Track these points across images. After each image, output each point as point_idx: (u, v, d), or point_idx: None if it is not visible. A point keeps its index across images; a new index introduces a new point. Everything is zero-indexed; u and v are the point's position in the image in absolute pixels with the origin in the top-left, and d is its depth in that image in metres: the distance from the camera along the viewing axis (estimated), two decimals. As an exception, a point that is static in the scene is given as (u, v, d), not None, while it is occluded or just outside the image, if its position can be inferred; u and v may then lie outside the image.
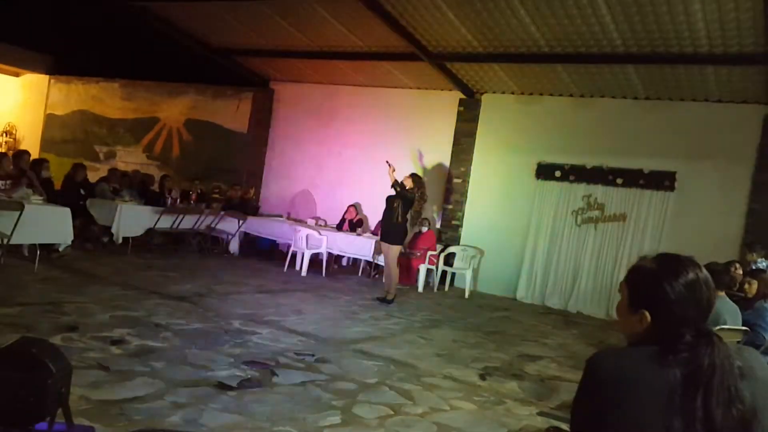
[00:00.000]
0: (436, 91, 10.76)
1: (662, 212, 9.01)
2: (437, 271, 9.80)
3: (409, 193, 7.98)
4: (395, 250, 7.91)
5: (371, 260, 9.63)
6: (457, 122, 10.56)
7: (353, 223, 10.46)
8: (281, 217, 10.97)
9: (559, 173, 9.69)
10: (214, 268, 8.87)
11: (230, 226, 10.40)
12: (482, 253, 10.14)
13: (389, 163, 8.10)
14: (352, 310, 7.24)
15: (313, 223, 10.28)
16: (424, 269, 9.45)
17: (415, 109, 10.94)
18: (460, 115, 10.55)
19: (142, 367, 3.99)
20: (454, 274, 10.18)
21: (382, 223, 8.35)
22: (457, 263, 10.16)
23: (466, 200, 10.50)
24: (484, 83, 10.16)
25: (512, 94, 10.25)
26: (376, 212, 9.67)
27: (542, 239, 9.82)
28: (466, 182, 10.49)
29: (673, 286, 1.42)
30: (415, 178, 8.23)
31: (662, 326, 1.44)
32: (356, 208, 10.75)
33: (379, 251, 8.71)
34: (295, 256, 9.72)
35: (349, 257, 10.75)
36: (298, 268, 9.54)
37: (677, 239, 8.62)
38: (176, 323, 5.26)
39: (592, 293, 9.42)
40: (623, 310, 1.52)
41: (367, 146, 11.06)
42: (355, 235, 9.88)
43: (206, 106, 12.68)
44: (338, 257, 10.71)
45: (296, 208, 11.71)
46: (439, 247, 10.02)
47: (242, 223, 10.36)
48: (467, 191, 10.50)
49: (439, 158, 10.72)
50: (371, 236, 9.64)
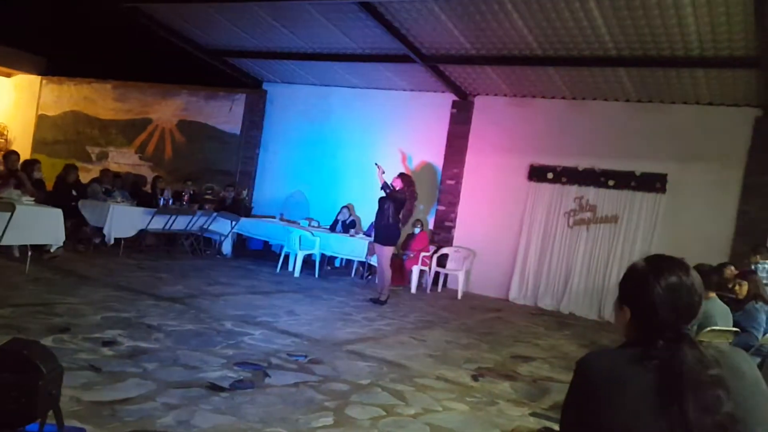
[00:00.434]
0: (428, 93, 10.79)
1: (654, 214, 9.06)
2: (430, 272, 9.83)
3: (399, 193, 8.00)
4: (388, 251, 7.93)
5: (364, 261, 9.64)
6: (450, 124, 10.60)
7: (346, 224, 10.46)
8: (274, 218, 10.95)
9: (551, 175, 9.75)
10: (206, 269, 8.83)
11: (223, 227, 10.37)
12: (475, 254, 10.17)
13: (378, 165, 8.14)
14: (344, 311, 7.24)
15: (306, 224, 10.27)
16: (417, 270, 9.46)
17: (407, 110, 10.97)
18: (453, 117, 10.59)
19: (133, 368, 3.97)
20: (447, 275, 10.21)
21: (374, 224, 8.37)
22: (449, 264, 10.19)
23: (458, 202, 10.54)
24: (477, 85, 10.19)
25: (505, 96, 10.30)
26: (369, 213, 9.68)
27: (534, 241, 9.86)
28: (459, 184, 10.52)
29: (653, 286, 1.44)
30: (403, 177, 8.29)
31: (639, 325, 1.46)
32: (349, 209, 10.76)
33: (372, 252, 8.72)
34: (288, 257, 9.72)
35: (342, 258, 10.76)
36: (290, 269, 9.54)
37: (668, 241, 8.67)
38: (168, 324, 5.25)
39: (584, 294, 9.46)
40: (615, 305, 1.57)
41: (359, 147, 11.06)
42: (348, 236, 9.89)
43: (199, 107, 12.66)
44: (331, 258, 10.72)
45: (289, 209, 11.70)
46: (431, 248, 10.05)
47: (235, 224, 10.34)
48: (460, 193, 10.53)
49: (432, 160, 10.75)
50: (364, 237, 9.65)
